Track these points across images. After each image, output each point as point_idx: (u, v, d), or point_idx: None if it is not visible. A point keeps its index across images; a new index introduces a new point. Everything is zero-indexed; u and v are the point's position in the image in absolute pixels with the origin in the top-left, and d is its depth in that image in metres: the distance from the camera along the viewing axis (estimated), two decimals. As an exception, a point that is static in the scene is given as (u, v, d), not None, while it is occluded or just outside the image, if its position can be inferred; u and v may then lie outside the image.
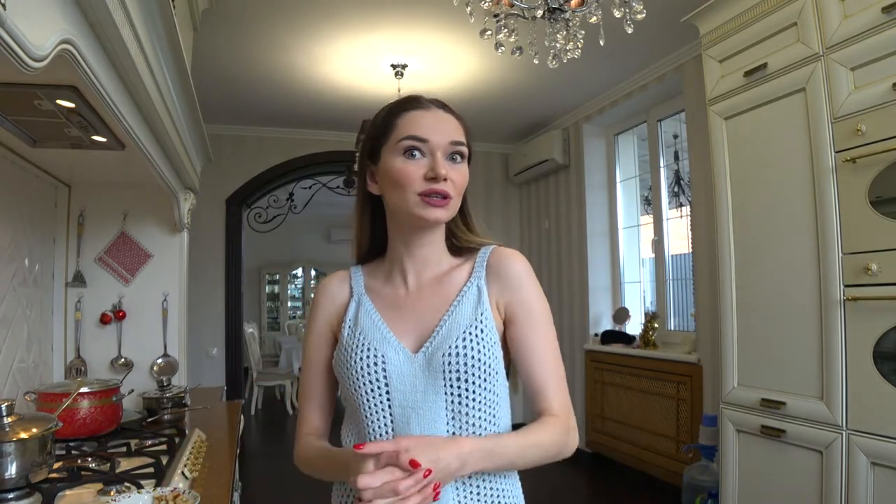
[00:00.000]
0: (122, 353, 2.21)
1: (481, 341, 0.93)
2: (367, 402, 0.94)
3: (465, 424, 0.92)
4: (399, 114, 0.97)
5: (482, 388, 0.93)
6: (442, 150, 0.94)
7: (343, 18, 2.99)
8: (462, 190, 0.97)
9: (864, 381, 1.88)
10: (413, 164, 0.93)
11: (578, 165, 4.59)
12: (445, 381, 0.91)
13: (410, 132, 0.94)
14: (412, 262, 1.01)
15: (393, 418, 0.93)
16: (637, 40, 3.16)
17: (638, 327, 4.13)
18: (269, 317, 10.29)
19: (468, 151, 0.99)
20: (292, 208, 5.36)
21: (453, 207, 0.96)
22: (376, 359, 0.93)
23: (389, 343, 0.95)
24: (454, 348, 0.91)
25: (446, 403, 0.91)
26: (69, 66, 0.91)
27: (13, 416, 1.13)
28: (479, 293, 0.98)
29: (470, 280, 0.99)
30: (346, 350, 0.96)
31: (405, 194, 0.93)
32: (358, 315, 1.00)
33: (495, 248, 1.03)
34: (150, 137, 1.56)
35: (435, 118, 0.96)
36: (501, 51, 1.78)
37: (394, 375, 0.93)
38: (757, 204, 2.30)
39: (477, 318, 0.95)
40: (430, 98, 1.00)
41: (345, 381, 0.96)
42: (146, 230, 2.28)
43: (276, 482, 4.09)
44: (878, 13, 1.82)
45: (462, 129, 0.99)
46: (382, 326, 0.97)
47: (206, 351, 4.70)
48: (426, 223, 0.95)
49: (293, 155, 4.95)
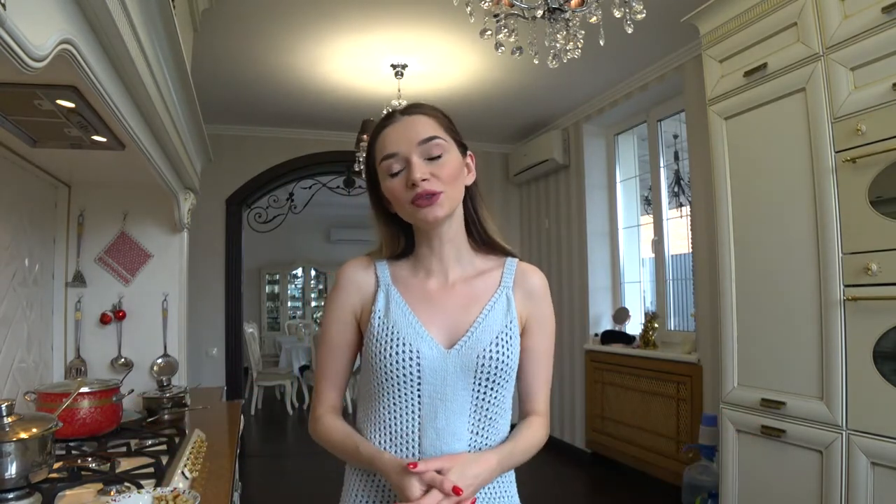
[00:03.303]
0: (122, 353, 2.21)
1: (510, 347, 1.02)
2: (398, 392, 0.99)
3: (483, 418, 1.00)
4: (376, 138, 1.03)
5: (503, 388, 1.02)
6: (416, 153, 0.98)
7: (343, 18, 2.99)
8: (452, 179, 1.00)
9: (864, 381, 1.88)
10: (397, 180, 0.99)
11: (578, 165, 4.59)
12: (475, 379, 0.99)
13: (383, 153, 1.00)
14: (438, 259, 1.06)
15: (421, 408, 0.98)
16: (637, 40, 3.16)
17: (638, 327, 4.13)
18: (269, 317, 10.29)
19: (451, 139, 1.02)
20: (292, 208, 5.36)
21: (449, 199, 0.99)
22: (411, 354, 0.98)
23: (423, 339, 1.00)
24: (488, 351, 0.99)
25: (472, 398, 0.99)
26: (69, 66, 0.91)
27: (13, 416, 1.13)
28: (508, 302, 1.05)
29: (500, 288, 1.06)
30: (379, 342, 1.00)
31: (402, 208, 1.00)
32: (388, 307, 1.03)
33: (519, 261, 1.11)
34: (150, 137, 1.56)
35: (401, 128, 1.00)
36: (501, 51, 1.78)
37: (427, 370, 0.98)
38: (757, 204, 2.30)
39: (507, 325, 1.03)
40: (403, 107, 1.06)
41: (376, 371, 1.00)
42: (146, 230, 2.28)
43: (276, 482, 4.09)
44: (878, 13, 1.82)
45: (433, 123, 1.01)
46: (414, 321, 1.01)
47: (206, 351, 4.70)
48: (429, 224, 1.00)
49: (293, 155, 4.95)
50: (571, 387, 4.66)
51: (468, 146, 1.08)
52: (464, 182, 1.04)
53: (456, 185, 1.01)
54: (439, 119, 1.04)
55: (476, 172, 1.09)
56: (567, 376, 4.71)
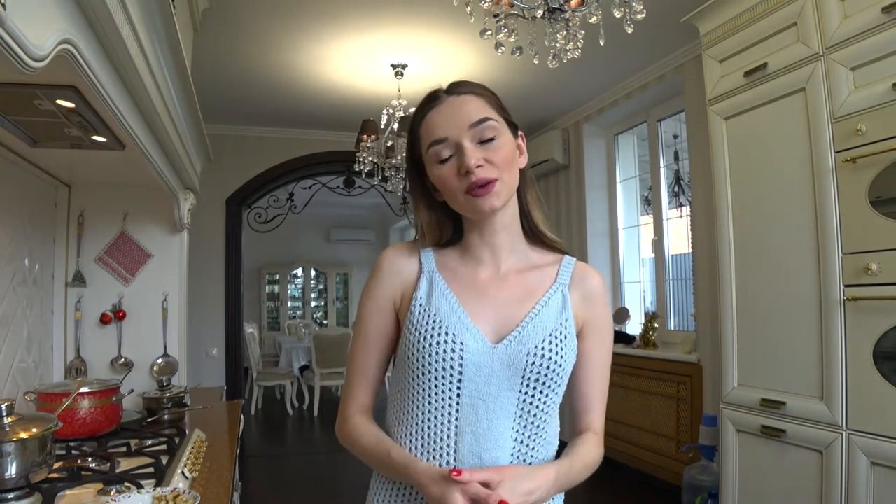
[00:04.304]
0: (122, 353, 2.21)
1: (565, 347, 0.92)
2: (435, 389, 0.89)
3: (529, 424, 0.91)
4: (419, 122, 0.95)
5: (553, 392, 0.92)
6: (467, 137, 0.90)
7: (343, 18, 2.99)
8: (508, 164, 0.91)
9: (864, 381, 1.88)
10: (447, 167, 0.91)
11: (578, 165, 4.59)
12: (524, 379, 0.89)
13: (431, 138, 0.92)
14: (490, 248, 0.97)
15: (459, 409, 0.89)
16: (637, 40, 3.16)
17: (638, 327, 4.13)
18: (269, 317, 10.28)
19: (503, 119, 0.94)
20: (292, 208, 5.36)
21: (505, 187, 0.91)
22: (454, 345, 0.88)
23: (468, 329, 0.90)
24: (541, 349, 0.90)
25: (518, 401, 0.90)
26: (69, 66, 0.91)
27: (13, 416, 1.13)
28: (563, 299, 0.96)
29: (555, 284, 0.97)
30: (419, 331, 0.90)
31: (454, 198, 0.92)
32: (431, 294, 0.93)
33: (578, 261, 1.02)
34: (150, 137, 1.56)
35: (449, 109, 0.92)
36: (501, 51, 1.78)
37: (470, 365, 0.88)
38: (757, 204, 2.30)
39: (562, 324, 0.93)
40: (448, 86, 0.96)
41: (413, 364, 0.90)
42: (146, 230, 2.28)
43: (276, 482, 4.09)
44: (878, 13, 1.82)
45: (483, 103, 0.93)
46: (459, 310, 0.92)
47: (206, 351, 4.70)
48: (483, 215, 0.92)
49: (293, 155, 4.96)
50: (571, 387, 4.65)
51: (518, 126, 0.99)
52: (518, 166, 0.95)
53: (511, 170, 0.92)
54: (488, 98, 0.95)
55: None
56: (567, 376, 4.70)
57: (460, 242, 1.00)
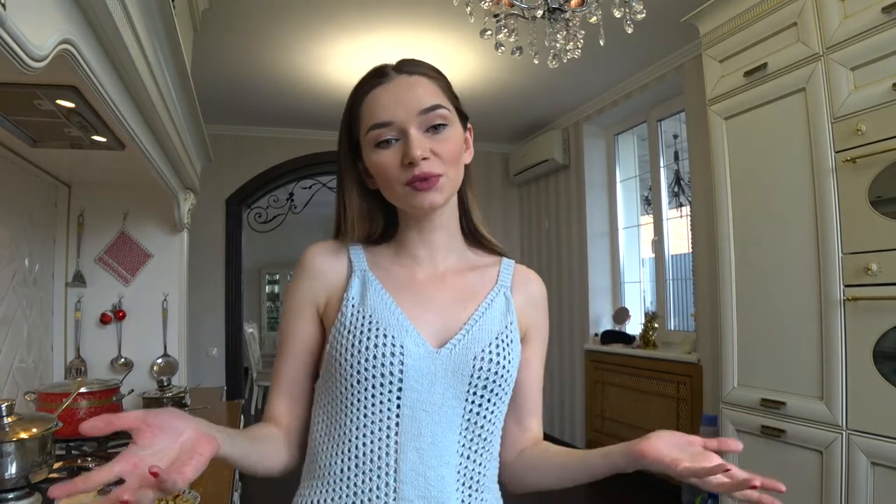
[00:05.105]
0: (122, 353, 2.21)
1: (511, 351, 0.85)
2: (371, 399, 0.79)
3: (476, 437, 0.83)
4: (361, 99, 0.84)
5: (500, 401, 0.85)
6: (415, 124, 0.80)
7: (343, 19, 2.99)
8: (454, 158, 0.83)
9: (864, 381, 1.88)
10: (387, 153, 0.81)
11: (578, 165, 4.59)
12: (470, 387, 0.81)
13: (373, 120, 0.82)
14: (427, 246, 0.89)
15: (400, 421, 0.79)
16: (637, 40, 3.16)
17: (638, 327, 4.13)
18: (269, 317, 10.29)
19: (454, 108, 0.86)
20: (292, 208, 5.36)
21: (450, 182, 0.83)
22: (393, 348, 0.79)
23: (408, 332, 0.81)
24: (487, 353, 0.82)
25: (464, 411, 0.81)
26: (69, 66, 0.91)
27: (13, 416, 1.13)
28: (506, 302, 0.89)
29: (497, 286, 0.90)
30: (352, 334, 0.81)
31: (391, 189, 0.83)
32: (365, 294, 0.84)
33: (517, 263, 0.96)
34: (150, 137, 1.56)
35: (397, 89, 0.82)
36: (501, 51, 1.78)
37: (411, 371, 0.79)
38: (757, 204, 2.30)
39: (507, 327, 0.87)
40: (397, 62, 0.86)
41: (345, 372, 0.80)
42: (146, 230, 2.28)
43: (275, 482, 4.07)
44: (878, 13, 1.82)
45: (437, 89, 0.84)
46: (397, 311, 0.83)
47: (206, 351, 4.70)
48: (422, 211, 0.83)
49: (293, 155, 4.95)
50: (571, 387, 4.66)
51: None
52: (464, 161, 0.87)
53: (458, 165, 0.84)
54: (442, 82, 0.86)
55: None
56: (567, 376, 4.71)
57: (393, 239, 0.91)
